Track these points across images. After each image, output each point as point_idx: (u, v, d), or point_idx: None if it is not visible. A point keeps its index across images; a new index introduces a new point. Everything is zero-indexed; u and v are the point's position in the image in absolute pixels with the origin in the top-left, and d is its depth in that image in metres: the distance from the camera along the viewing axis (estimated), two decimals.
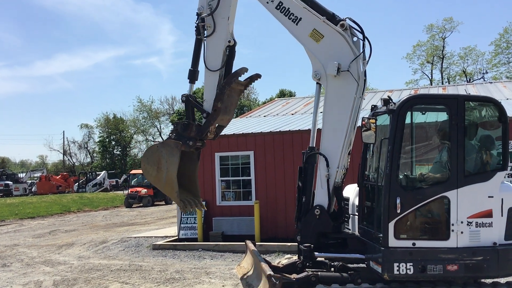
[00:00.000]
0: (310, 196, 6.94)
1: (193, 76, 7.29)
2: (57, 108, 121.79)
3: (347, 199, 7.32)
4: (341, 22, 6.74)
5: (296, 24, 6.91)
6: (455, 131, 6.08)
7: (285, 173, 14.65)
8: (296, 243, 7.06)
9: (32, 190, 51.92)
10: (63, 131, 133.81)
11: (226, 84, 6.98)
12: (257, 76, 7.30)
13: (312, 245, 6.69)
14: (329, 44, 6.78)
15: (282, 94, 60.67)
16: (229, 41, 7.07)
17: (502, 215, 6.00)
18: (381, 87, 57.48)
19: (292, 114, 19.28)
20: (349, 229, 7.18)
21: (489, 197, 6.01)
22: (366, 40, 6.79)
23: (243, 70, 7.08)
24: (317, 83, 7.00)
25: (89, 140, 79.21)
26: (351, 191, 7.36)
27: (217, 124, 7.21)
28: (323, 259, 7.04)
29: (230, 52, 7.18)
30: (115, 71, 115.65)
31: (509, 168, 11.99)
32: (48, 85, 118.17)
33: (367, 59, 6.84)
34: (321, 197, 6.85)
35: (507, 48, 53.65)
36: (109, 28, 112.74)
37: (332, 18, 6.83)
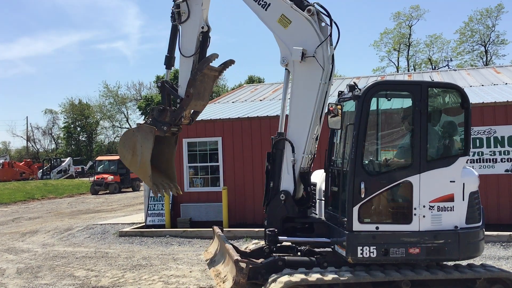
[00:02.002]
0: (278, 181, 6.97)
1: (169, 62, 7.42)
2: (20, 93, 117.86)
3: (314, 185, 7.37)
4: (308, 8, 6.73)
5: (265, 10, 6.89)
6: (418, 117, 6.16)
7: (253, 159, 14.68)
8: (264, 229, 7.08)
9: None
10: (27, 117, 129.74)
11: (198, 70, 7.04)
12: (230, 62, 7.42)
13: (276, 230, 6.75)
14: (296, 29, 6.75)
15: (251, 81, 60.58)
16: (203, 27, 7.13)
17: (463, 200, 6.11)
18: (349, 74, 57.99)
19: (261, 100, 19.28)
20: (316, 214, 7.25)
21: (451, 181, 6.11)
22: (334, 24, 6.77)
23: (214, 56, 7.15)
24: (285, 69, 6.99)
25: (53, 126, 77.61)
26: (318, 177, 7.41)
27: (192, 110, 7.35)
28: (289, 243, 7.10)
29: (204, 38, 7.24)
30: (80, 55, 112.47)
31: (471, 153, 12.37)
32: (10, 69, 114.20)
33: (334, 44, 6.85)
34: (287, 182, 6.88)
35: (471, 36, 54.94)
36: (73, 12, 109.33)
37: (300, 3, 6.81)
